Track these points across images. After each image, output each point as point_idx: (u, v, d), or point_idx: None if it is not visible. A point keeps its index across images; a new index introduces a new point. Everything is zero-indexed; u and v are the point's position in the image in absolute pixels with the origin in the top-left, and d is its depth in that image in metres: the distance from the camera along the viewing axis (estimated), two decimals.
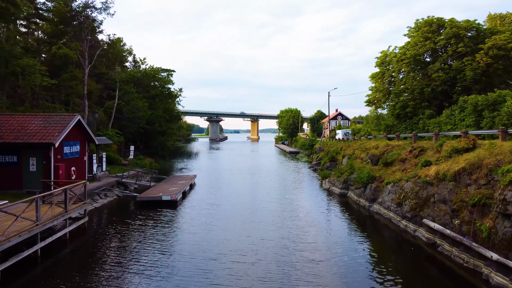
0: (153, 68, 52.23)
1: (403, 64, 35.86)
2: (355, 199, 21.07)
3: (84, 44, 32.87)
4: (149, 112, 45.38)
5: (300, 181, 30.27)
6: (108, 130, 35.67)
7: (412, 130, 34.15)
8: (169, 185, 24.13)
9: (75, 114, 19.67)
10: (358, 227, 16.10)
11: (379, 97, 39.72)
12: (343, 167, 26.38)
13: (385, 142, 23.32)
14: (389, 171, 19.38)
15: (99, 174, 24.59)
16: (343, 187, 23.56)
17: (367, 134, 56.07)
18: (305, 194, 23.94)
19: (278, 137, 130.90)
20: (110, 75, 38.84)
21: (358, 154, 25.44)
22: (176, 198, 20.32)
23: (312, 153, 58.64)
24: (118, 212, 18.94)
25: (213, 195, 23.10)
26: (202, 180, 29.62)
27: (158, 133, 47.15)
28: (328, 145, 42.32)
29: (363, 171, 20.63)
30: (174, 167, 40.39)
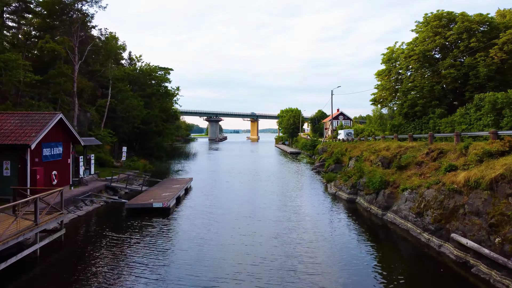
0: (149, 65, 50.31)
1: (411, 61, 34.00)
2: (366, 206, 19.18)
3: (74, 39, 30.98)
4: (145, 111, 43.48)
5: (303, 184, 28.38)
6: (100, 130, 33.79)
7: (422, 130, 32.31)
8: (162, 189, 22.24)
9: (57, 113, 17.78)
10: (371, 239, 14.22)
11: (386, 96, 37.86)
12: (350, 170, 24.50)
13: (396, 143, 21.45)
14: (404, 176, 17.50)
15: (86, 177, 22.71)
16: (351, 192, 21.68)
17: (371, 134, 54.32)
18: (310, 200, 22.05)
19: (278, 137, 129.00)
20: (103, 73, 36.89)
21: (367, 156, 23.57)
22: (169, 205, 18.44)
23: (314, 154, 56.77)
24: (103, 221, 17.04)
25: (209, 201, 21.20)
26: (198, 184, 27.72)
27: (154, 133, 45.27)
28: (332, 146, 40.45)
29: (374, 175, 18.74)
30: (170, 169, 38.50)
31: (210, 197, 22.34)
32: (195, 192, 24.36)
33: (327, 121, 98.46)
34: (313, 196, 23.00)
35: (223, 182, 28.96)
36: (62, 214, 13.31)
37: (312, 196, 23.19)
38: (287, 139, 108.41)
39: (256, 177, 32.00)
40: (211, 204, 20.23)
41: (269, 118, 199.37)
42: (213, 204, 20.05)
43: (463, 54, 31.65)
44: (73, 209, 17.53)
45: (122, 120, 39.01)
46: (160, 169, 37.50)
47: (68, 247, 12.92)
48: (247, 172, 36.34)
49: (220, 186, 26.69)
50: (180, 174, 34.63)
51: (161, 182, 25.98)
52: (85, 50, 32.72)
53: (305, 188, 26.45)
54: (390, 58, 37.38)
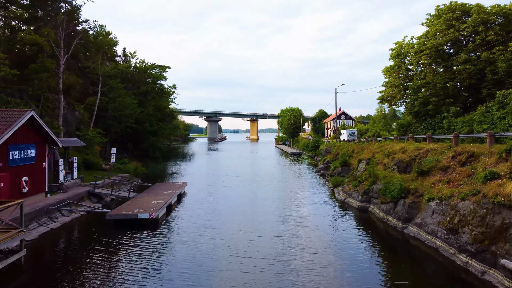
0: (143, 62, 47.97)
1: (422, 56, 31.68)
2: (381, 216, 16.86)
3: (60, 32, 28.63)
4: (139, 110, 41.16)
5: (308, 189, 26.05)
6: (89, 130, 31.45)
7: (434, 130, 30.00)
8: (152, 196, 19.92)
9: (27, 110, 15.44)
10: (391, 257, 11.96)
11: (394, 93, 35.55)
12: (360, 174, 22.19)
13: (414, 145, 19.14)
14: (427, 183, 15.19)
15: (67, 183, 20.38)
16: (363, 199, 19.36)
17: (376, 134, 52.03)
18: (317, 209, 19.72)
19: (278, 137, 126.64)
20: (93, 69, 34.55)
21: (379, 159, 21.25)
22: (157, 215, 16.12)
23: (316, 155, 54.45)
24: (78, 236, 14.73)
25: (204, 210, 18.87)
26: (193, 189, 25.40)
27: (148, 133, 42.92)
28: (336, 147, 38.14)
29: (393, 181, 16.42)
30: (164, 171, 36.15)
31: (205, 205, 20.00)
32: (189, 199, 22.03)
33: (329, 121, 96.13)
34: (320, 204, 20.67)
35: (220, 187, 26.63)
36: (22, 232, 10.98)
37: (318, 204, 20.87)
38: (287, 139, 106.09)
39: (256, 181, 29.68)
40: (205, 214, 17.88)
41: (269, 118, 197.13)
42: (207, 215, 17.71)
43: (479, 48, 29.34)
44: (46, 221, 15.20)
45: (114, 119, 36.69)
46: (153, 171, 35.16)
47: (28, 272, 10.60)
48: (246, 175, 34.02)
49: (217, 192, 24.36)
50: (174, 177, 32.30)
51: (152, 187, 23.65)
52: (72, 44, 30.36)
53: (310, 194, 24.12)
54: (399, 54, 35.07)
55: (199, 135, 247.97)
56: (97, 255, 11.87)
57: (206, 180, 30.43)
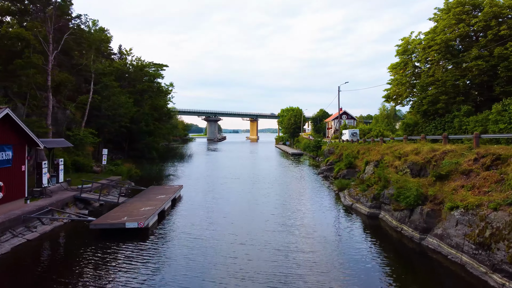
0: (140, 59, 46.39)
1: (431, 52, 30.13)
2: (394, 224, 15.31)
3: (48, 25, 27.05)
4: (134, 109, 39.58)
5: (312, 193, 24.49)
6: (80, 130, 29.88)
7: (444, 129, 28.44)
8: (143, 201, 18.36)
9: (1, 107, 13.87)
10: (409, 273, 10.38)
11: (401, 91, 33.98)
12: (368, 177, 20.63)
13: (428, 146, 17.57)
14: (447, 188, 13.64)
15: (52, 187, 18.81)
16: (372, 205, 17.80)
17: (380, 134, 50.48)
18: (322, 215, 18.16)
19: (278, 137, 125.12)
20: (85, 66, 32.98)
21: (389, 161, 19.68)
22: (147, 224, 14.58)
23: (318, 156, 52.94)
24: (58, 248, 13.16)
25: (199, 218, 17.31)
26: (189, 193, 23.84)
27: (144, 133, 41.34)
28: (340, 148, 36.59)
29: (407, 186, 14.87)
30: (160, 173, 34.56)
31: (201, 212, 18.43)
32: (184, 204, 20.46)
33: (330, 121, 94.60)
34: (325, 211, 19.10)
35: (218, 191, 25.07)
36: None
37: (323, 210, 19.29)
38: (287, 139, 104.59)
39: (256, 184, 28.12)
40: (200, 222, 16.31)
41: (268, 118, 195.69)
42: (203, 223, 16.14)
43: (491, 43, 27.78)
44: (22, 231, 13.63)
45: (108, 118, 35.11)
46: (149, 173, 33.57)
47: None
48: (246, 177, 32.46)
49: (214, 196, 22.79)
50: (170, 179, 30.74)
51: (145, 191, 22.08)
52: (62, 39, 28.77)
53: (313, 198, 22.55)
54: (405, 50, 33.50)
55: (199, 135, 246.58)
56: (77, 270, 10.31)
57: (203, 182, 28.86)
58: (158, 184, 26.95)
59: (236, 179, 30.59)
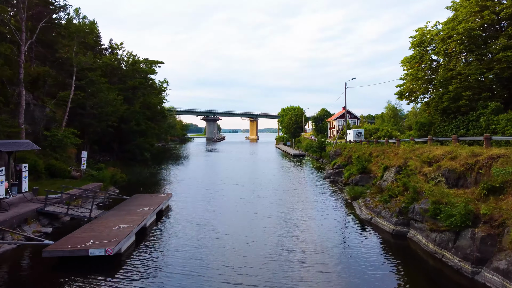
0: (131, 54, 43.21)
1: (451, 43, 26.98)
2: (431, 249, 12.15)
3: (21, 12, 23.87)
4: (124, 107, 36.43)
5: (320, 203, 21.33)
6: (59, 130, 26.70)
7: (468, 129, 25.32)
8: (120, 216, 15.21)
9: None
10: None
11: (416, 87, 30.84)
12: (390, 186, 17.46)
13: (467, 150, 14.42)
14: (506, 205, 10.50)
15: (11, 198, 15.63)
16: (399, 221, 14.64)
17: (388, 134, 47.38)
18: (336, 232, 15.02)
19: (279, 137, 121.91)
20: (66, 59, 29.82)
21: (416, 167, 16.51)
22: (119, 250, 11.44)
23: (322, 157, 49.83)
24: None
25: (187, 237, 14.16)
26: (179, 203, 20.69)
27: (135, 133, 38.15)
28: (348, 149, 33.44)
29: (450, 201, 11.72)
30: (150, 178, 31.33)
31: (189, 229, 15.26)
32: (171, 218, 17.30)
33: (333, 120, 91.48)
34: (340, 227, 15.94)
35: (213, 200, 21.91)
36: None
37: (337, 225, 16.14)
38: (288, 139, 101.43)
39: (256, 192, 24.95)
40: (188, 243, 13.15)
41: (268, 118, 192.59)
42: (191, 246, 12.97)
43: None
44: None
45: (94, 117, 31.95)
46: (138, 178, 30.38)
47: None
48: (244, 183, 29.30)
49: (207, 207, 19.62)
50: (161, 185, 27.58)
51: (127, 201, 18.91)
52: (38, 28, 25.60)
53: (324, 209, 19.39)
54: (421, 42, 30.34)
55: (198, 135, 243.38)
56: None
57: (197, 189, 25.67)
58: (145, 191, 23.80)
59: (233, 185, 27.43)
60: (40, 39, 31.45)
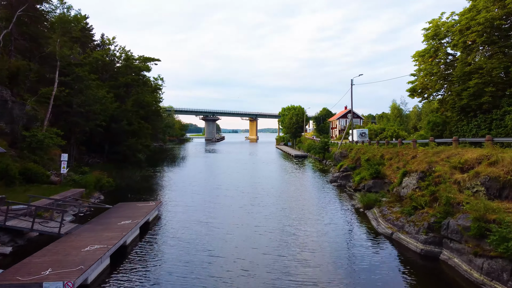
0: (123, 49, 40.76)
1: (471, 35, 24.56)
2: (477, 278, 9.71)
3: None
4: (114, 105, 34.00)
5: (329, 212, 18.89)
6: (38, 130, 24.25)
7: (491, 129, 22.92)
8: (96, 232, 12.79)
9: None
10: None
11: (431, 84, 28.41)
12: (411, 193, 15.02)
13: (511, 154, 11.99)
14: None
15: None
16: (429, 239, 12.20)
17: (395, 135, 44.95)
18: (351, 250, 12.60)
19: (279, 138, 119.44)
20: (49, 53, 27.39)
21: (444, 172, 14.06)
22: (83, 281, 9.03)
23: (325, 159, 47.41)
24: None
25: (175, 260, 11.72)
26: (169, 213, 18.26)
27: (127, 133, 35.69)
28: (355, 151, 31.01)
29: (502, 219, 9.30)
30: (141, 183, 28.79)
31: (179, 248, 12.82)
32: (158, 232, 14.86)
33: (335, 120, 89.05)
34: (355, 243, 13.51)
35: (208, 209, 19.48)
36: None
37: (353, 242, 13.72)
38: (289, 139, 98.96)
39: (257, 200, 22.53)
40: (173, 270, 10.71)
41: (268, 117, 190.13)
42: (176, 272, 10.54)
43: None
44: None
45: (81, 116, 29.50)
46: (127, 182, 27.90)
47: None
48: (244, 188, 26.88)
49: (201, 219, 17.17)
50: (151, 191, 25.14)
51: (108, 211, 16.47)
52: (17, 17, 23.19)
53: (334, 221, 16.95)
54: (436, 34, 27.90)
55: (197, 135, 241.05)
56: None
57: (191, 195, 23.24)
58: (133, 198, 21.38)
59: (232, 191, 25.01)
60: (25, 32, 29.13)
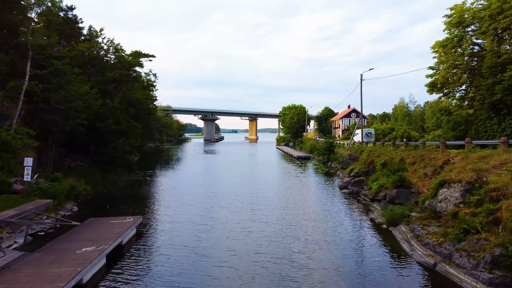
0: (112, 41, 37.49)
1: (504, 20, 21.32)
2: None
3: None
4: (99, 102, 30.71)
5: (347, 231, 15.58)
6: (3, 129, 20.93)
7: None
8: (44, 265, 9.54)
9: None
10: None
11: (454, 77, 25.13)
12: (454, 211, 11.73)
13: None
14: None
15: None
16: (495, 279, 8.90)
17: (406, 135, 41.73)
18: None
19: (279, 138, 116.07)
20: (20, 41, 24.12)
21: (506, 185, 10.78)
22: None
23: (330, 160, 44.14)
24: None
25: None
26: (150, 230, 14.96)
27: (114, 133, 32.37)
28: (367, 153, 27.74)
29: None
30: (124, 190, 25.43)
31: (155, 283, 9.54)
32: (131, 260, 11.55)
33: (338, 119, 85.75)
34: (390, 280, 10.22)
35: (198, 225, 16.19)
36: None
37: (385, 276, 10.43)
38: (290, 139, 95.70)
39: (258, 212, 19.24)
40: None
41: (268, 117, 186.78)
42: None
43: None
44: None
45: (60, 113, 26.20)
46: (110, 189, 24.59)
47: None
48: (243, 196, 23.61)
49: (188, 240, 13.88)
50: (135, 200, 21.85)
51: (70, 232, 13.18)
52: None
53: (355, 243, 13.66)
54: (460, 21, 24.63)
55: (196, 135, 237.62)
56: None
57: (180, 207, 19.94)
58: (111, 210, 18.09)
59: (229, 200, 21.74)
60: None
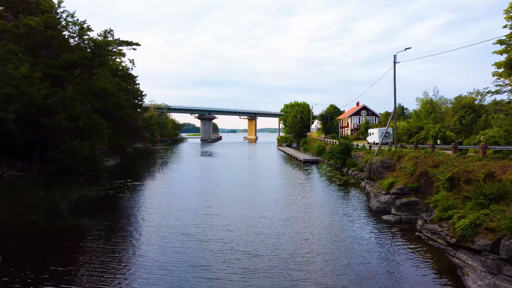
0: (72, 16, 29.56)
1: None
2: None
3: None
4: (44, 90, 22.80)
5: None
6: None
7: None
8: None
9: None
10: None
11: None
12: None
13: None
14: None
15: None
16: None
17: (440, 136, 33.92)
18: None
19: (280, 138, 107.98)
20: None
21: None
22: None
23: (346, 166, 36.31)
24: None
25: None
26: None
27: (68, 133, 24.42)
28: (408, 160, 19.82)
29: None
30: (61, 216, 17.48)
31: None
32: None
33: (346, 117, 77.88)
34: None
35: (182, 270, 8.27)
36: None
37: None
38: (293, 140, 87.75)
39: (259, 261, 11.34)
40: None
41: (268, 116, 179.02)
42: None
43: None
44: None
45: None
46: (38, 218, 16.64)
47: None
48: (238, 229, 15.76)
49: None
50: (63, 241, 13.96)
51: None
52: None
53: None
54: None
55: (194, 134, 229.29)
56: None
57: (157, 236, 12.06)
58: (21, 255, 10.21)
59: (219, 237, 13.89)
60: None
